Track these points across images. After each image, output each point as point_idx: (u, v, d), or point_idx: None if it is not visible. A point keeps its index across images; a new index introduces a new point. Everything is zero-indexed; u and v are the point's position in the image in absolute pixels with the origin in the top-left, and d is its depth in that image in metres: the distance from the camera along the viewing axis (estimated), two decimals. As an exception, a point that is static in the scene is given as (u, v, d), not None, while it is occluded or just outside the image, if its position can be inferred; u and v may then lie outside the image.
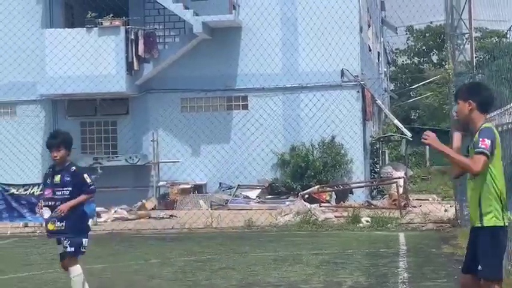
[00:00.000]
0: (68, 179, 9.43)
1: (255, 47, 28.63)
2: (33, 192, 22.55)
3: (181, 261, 14.78)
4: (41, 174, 29.02)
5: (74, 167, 9.54)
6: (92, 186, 9.62)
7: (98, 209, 23.66)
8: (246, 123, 28.93)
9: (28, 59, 29.35)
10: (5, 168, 28.59)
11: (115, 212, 25.20)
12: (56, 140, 9.52)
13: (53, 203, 9.41)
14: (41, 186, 22.82)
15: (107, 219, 24.16)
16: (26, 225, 23.07)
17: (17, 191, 22.48)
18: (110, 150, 29.87)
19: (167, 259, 15.24)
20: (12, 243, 19.47)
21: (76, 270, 9.58)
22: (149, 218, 24.52)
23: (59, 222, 9.40)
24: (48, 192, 9.47)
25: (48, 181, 9.52)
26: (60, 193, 9.43)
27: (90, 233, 9.78)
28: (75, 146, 32.84)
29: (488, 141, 6.77)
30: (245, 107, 29.42)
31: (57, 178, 9.45)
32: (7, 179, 25.73)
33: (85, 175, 9.57)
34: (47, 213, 9.33)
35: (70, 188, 9.44)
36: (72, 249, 9.52)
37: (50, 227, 9.35)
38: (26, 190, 22.67)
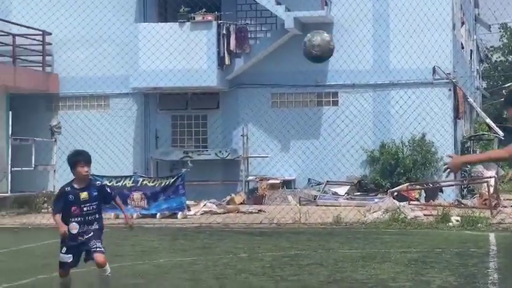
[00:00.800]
0: (96, 193, 9.75)
1: (346, 43, 28.51)
2: (125, 184, 22.97)
3: (270, 256, 14.85)
4: (132, 167, 29.53)
5: (98, 182, 9.92)
6: (113, 192, 10.30)
7: (187, 202, 23.96)
8: (336, 120, 28.88)
9: (122, 52, 29.85)
10: (98, 160, 29.02)
11: (204, 205, 25.44)
12: (89, 157, 9.80)
13: (82, 218, 9.70)
14: (131, 179, 23.29)
15: (196, 212, 24.42)
16: (117, 217, 23.43)
17: (109, 182, 22.89)
18: (200, 144, 30.17)
19: (255, 254, 15.33)
20: (104, 234, 19.77)
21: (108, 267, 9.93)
22: (238, 212, 24.69)
23: (85, 235, 9.72)
24: (75, 209, 9.68)
25: (71, 198, 9.69)
26: (89, 208, 9.72)
27: (179, 226, 10.02)
28: (166, 139, 33.32)
29: None
30: (335, 103, 29.36)
31: (84, 195, 9.69)
32: (100, 171, 26.19)
33: (106, 186, 10.25)
34: (75, 229, 9.63)
35: (97, 202, 9.83)
36: (103, 248, 9.91)
37: (79, 239, 9.68)
38: (118, 182, 23.10)
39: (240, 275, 12.56)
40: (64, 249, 9.73)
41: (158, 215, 23.24)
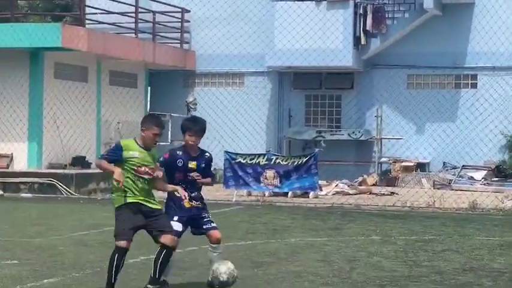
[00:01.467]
0: (203, 165, 9.41)
1: (488, 25, 27.72)
2: (258, 162, 23.04)
3: (402, 239, 14.61)
4: (265, 145, 29.65)
5: (207, 154, 9.53)
6: (212, 173, 9.70)
7: (319, 182, 23.88)
8: (475, 103, 28.19)
9: (258, 31, 29.96)
10: (232, 137, 29.37)
11: (336, 185, 25.32)
12: (201, 127, 9.45)
13: (184, 185, 9.31)
14: (264, 157, 23.34)
15: (327, 192, 24.33)
16: (249, 194, 23.66)
17: (243, 160, 23.06)
18: (334, 124, 30.02)
19: (388, 237, 15.11)
20: (237, 211, 20.00)
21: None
22: (370, 193, 24.49)
23: (194, 201, 9.38)
24: (179, 175, 9.36)
25: (180, 163, 9.41)
26: (191, 178, 9.35)
27: (311, 205, 9.83)
28: (300, 118, 33.32)
29: None
30: (474, 85, 28.66)
31: (193, 164, 9.38)
32: (234, 148, 26.45)
33: (212, 163, 9.59)
34: (182, 193, 9.21)
35: (202, 174, 9.39)
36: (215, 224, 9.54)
37: (187, 204, 9.29)
38: (251, 160, 23.21)
39: (372, 257, 12.39)
40: (176, 217, 9.44)
41: (290, 193, 23.28)
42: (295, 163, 23.13)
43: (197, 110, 29.38)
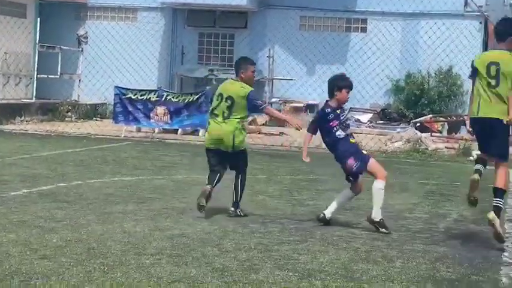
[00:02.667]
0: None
1: (378, -30, 28.16)
2: (149, 98, 22.96)
3: (288, 179, 14.91)
4: (157, 81, 29.50)
5: None
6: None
7: (209, 120, 23.97)
8: (363, 47, 28.64)
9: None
10: (123, 72, 29.10)
11: (226, 124, 25.42)
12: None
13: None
14: (155, 94, 23.26)
15: (217, 130, 24.43)
16: (139, 130, 23.61)
17: (134, 95, 22.95)
18: (226, 63, 30.07)
19: (274, 176, 15.39)
20: (125, 147, 19.97)
21: None
22: (259, 133, 24.71)
23: None
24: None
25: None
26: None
27: (200, 143, 9.97)
28: (192, 56, 33.13)
29: None
30: (364, 29, 29.12)
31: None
32: (125, 83, 26.23)
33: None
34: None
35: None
36: None
37: None
38: (142, 95, 23.11)
39: (257, 196, 12.63)
40: None
41: (180, 130, 23.33)
42: (186, 100, 23.14)
43: (88, 43, 29.01)
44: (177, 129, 23.33)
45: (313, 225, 10.21)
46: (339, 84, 10.54)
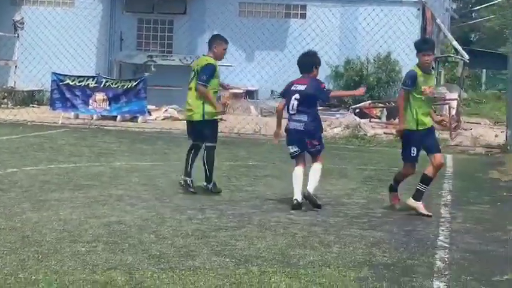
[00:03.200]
0: None
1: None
2: (87, 85, 22.76)
3: (227, 165, 14.87)
4: (95, 67, 29.21)
5: None
6: None
7: (149, 106, 23.85)
8: (302, 33, 28.71)
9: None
10: (61, 58, 28.75)
11: (165, 111, 25.35)
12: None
13: None
14: (94, 80, 23.06)
15: (156, 117, 24.35)
16: (77, 117, 23.38)
17: (72, 82, 22.72)
18: (165, 49, 29.90)
19: (213, 162, 15.31)
20: (62, 133, 19.75)
21: None
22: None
23: None
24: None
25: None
26: None
27: (139, 130, 9.88)
28: (131, 42, 32.87)
29: None
30: (303, 16, 29.18)
31: None
32: (63, 70, 25.92)
33: None
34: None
35: None
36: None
37: None
38: (80, 82, 22.89)
39: (195, 183, 12.54)
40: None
41: (119, 117, 23.16)
42: (125, 87, 22.99)
43: (24, 29, 28.57)
44: (116, 116, 23.15)
45: (251, 211, 10.21)
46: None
